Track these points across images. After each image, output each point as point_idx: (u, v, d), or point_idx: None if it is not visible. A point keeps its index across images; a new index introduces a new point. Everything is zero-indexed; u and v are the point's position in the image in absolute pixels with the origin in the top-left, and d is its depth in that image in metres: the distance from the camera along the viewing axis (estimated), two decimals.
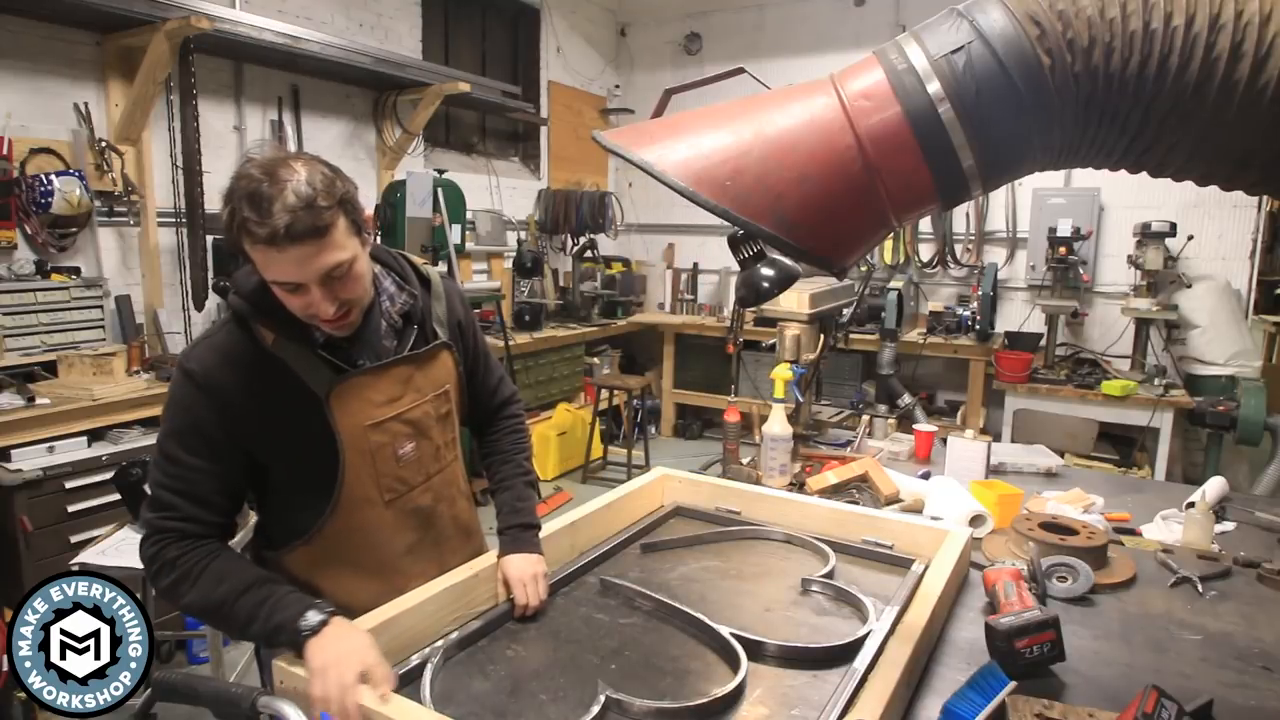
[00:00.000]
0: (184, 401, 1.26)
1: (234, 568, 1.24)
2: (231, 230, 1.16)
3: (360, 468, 1.34)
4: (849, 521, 1.71)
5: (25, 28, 3.25)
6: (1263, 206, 5.05)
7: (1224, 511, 2.03)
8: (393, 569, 1.41)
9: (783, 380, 2.23)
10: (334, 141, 4.65)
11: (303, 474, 1.34)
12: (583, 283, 6.07)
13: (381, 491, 1.38)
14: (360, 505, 1.36)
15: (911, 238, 5.92)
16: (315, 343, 1.30)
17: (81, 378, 3.01)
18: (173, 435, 1.27)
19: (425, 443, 1.43)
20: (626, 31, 7.11)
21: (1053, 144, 0.95)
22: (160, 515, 1.25)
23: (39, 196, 3.17)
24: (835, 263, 1.00)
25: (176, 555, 1.23)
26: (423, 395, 1.42)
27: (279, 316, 1.26)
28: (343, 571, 1.38)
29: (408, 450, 1.40)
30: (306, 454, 1.32)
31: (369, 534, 1.38)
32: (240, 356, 1.27)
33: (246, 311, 1.28)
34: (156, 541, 1.25)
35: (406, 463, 1.41)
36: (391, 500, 1.40)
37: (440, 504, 1.49)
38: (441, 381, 1.46)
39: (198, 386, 1.25)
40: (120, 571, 2.14)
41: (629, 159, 0.96)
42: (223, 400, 1.25)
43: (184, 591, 1.23)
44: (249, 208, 1.12)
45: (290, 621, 1.14)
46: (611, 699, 1.10)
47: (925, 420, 4.87)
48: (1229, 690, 1.24)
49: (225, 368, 1.26)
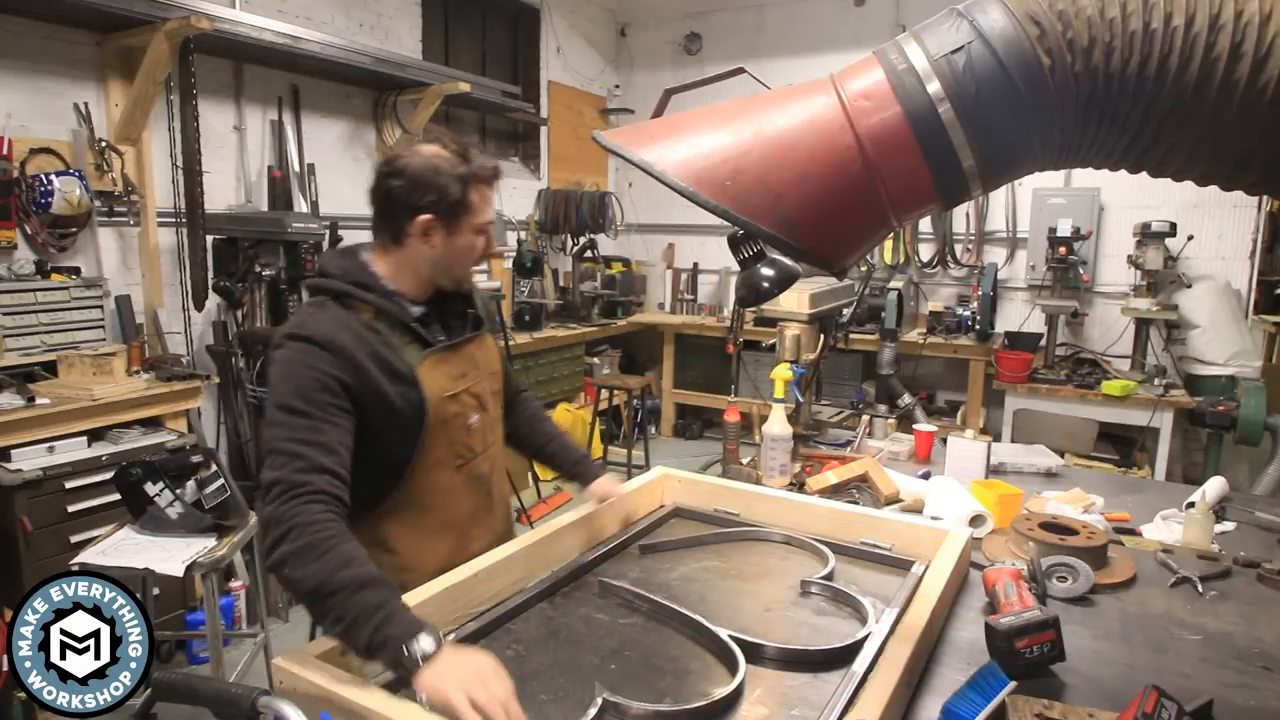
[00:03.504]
0: (306, 361, 1.32)
1: (359, 556, 1.19)
2: (446, 194, 1.40)
3: (438, 433, 1.48)
4: (849, 521, 1.71)
5: (25, 28, 3.24)
6: (1263, 206, 5.05)
7: (1224, 511, 2.04)
8: (459, 531, 1.55)
9: (783, 380, 2.23)
10: (334, 141, 4.65)
11: (388, 438, 1.43)
12: (583, 283, 6.07)
13: (454, 457, 1.52)
14: (436, 468, 1.50)
15: (911, 238, 5.92)
16: (409, 318, 1.46)
17: (81, 378, 3.00)
18: (296, 393, 1.30)
19: (485, 415, 1.60)
20: (626, 31, 7.11)
21: (1053, 144, 0.95)
22: (286, 469, 1.23)
23: (39, 196, 3.17)
24: (835, 263, 1.00)
25: (309, 522, 1.18)
26: (482, 373, 1.59)
27: (373, 295, 1.43)
28: (416, 533, 1.50)
29: (475, 420, 1.56)
30: (394, 420, 1.42)
31: (441, 495, 1.52)
32: (347, 326, 1.39)
33: (349, 289, 1.42)
34: (282, 497, 1.20)
35: (474, 431, 1.56)
36: (460, 466, 1.54)
37: (494, 474, 1.65)
38: (493, 362, 1.65)
39: (321, 346, 1.34)
40: (120, 571, 2.14)
41: (629, 159, 0.96)
42: (344, 357, 1.35)
43: (304, 563, 1.16)
44: (475, 162, 1.43)
45: (398, 640, 1.08)
46: (609, 701, 1.10)
47: (925, 420, 4.86)
48: (1229, 690, 1.24)
49: (342, 332, 1.37)
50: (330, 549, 1.17)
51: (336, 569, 1.15)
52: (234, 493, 2.50)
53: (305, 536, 1.17)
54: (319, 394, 1.30)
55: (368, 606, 1.12)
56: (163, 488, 2.36)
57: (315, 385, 1.31)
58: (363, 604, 1.12)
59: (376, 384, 1.37)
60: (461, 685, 1.03)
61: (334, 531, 1.20)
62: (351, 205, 4.64)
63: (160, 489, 2.35)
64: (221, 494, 2.45)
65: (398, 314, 1.44)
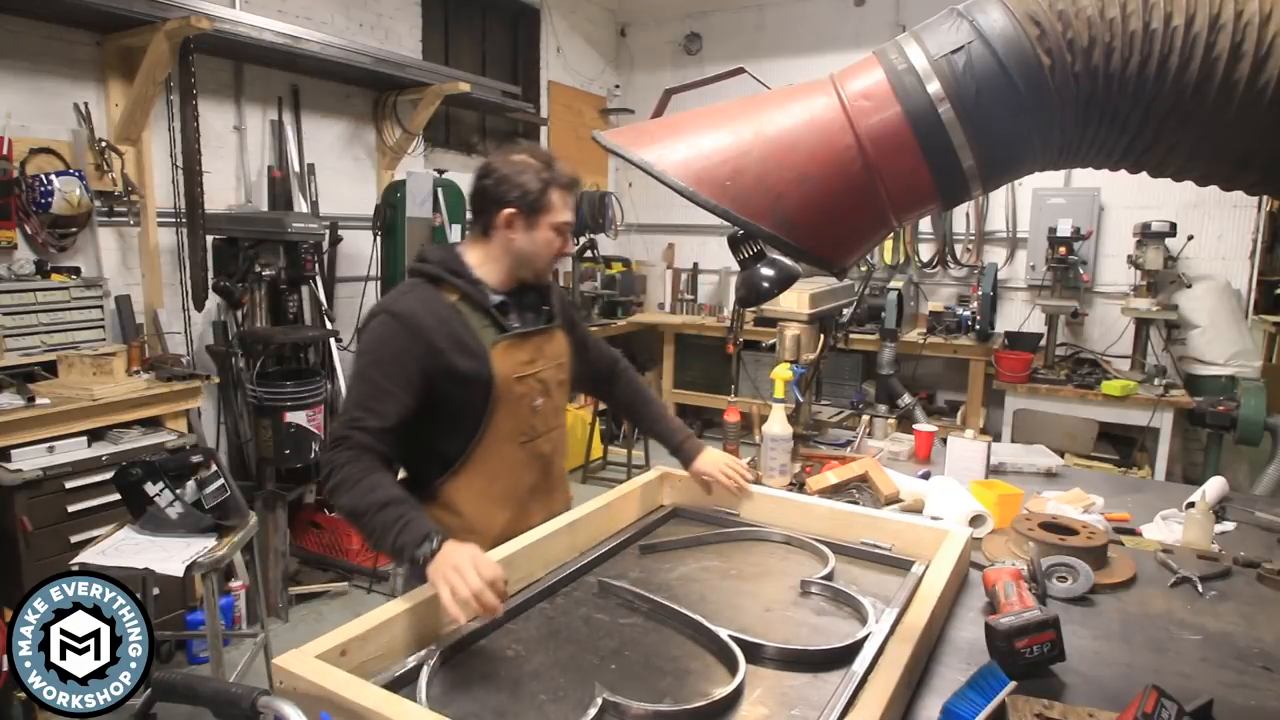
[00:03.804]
0: (389, 337, 1.57)
1: (384, 483, 1.47)
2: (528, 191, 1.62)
3: (505, 410, 1.65)
4: (849, 521, 1.71)
5: (25, 28, 3.24)
6: (1263, 206, 5.05)
7: (1224, 511, 2.03)
8: (519, 502, 1.72)
9: (783, 380, 2.23)
10: (334, 141, 4.65)
11: (459, 408, 1.62)
12: (583, 283, 6.07)
13: (518, 433, 1.69)
14: (501, 440, 1.67)
15: (911, 238, 5.92)
16: (489, 303, 1.65)
17: (81, 378, 3.00)
18: (376, 364, 1.56)
19: (549, 401, 1.76)
20: (626, 31, 7.11)
21: (1053, 144, 0.95)
22: (342, 424, 1.53)
23: (39, 196, 3.17)
24: (835, 263, 1.00)
25: (345, 461, 1.47)
26: (549, 362, 1.75)
27: (460, 280, 1.64)
28: (480, 499, 1.67)
29: (540, 403, 1.73)
30: (466, 394, 1.61)
31: (505, 467, 1.69)
32: (432, 306, 1.61)
33: (441, 273, 1.65)
34: (335, 446, 1.50)
35: (538, 413, 1.73)
36: (524, 442, 1.71)
37: (555, 455, 1.82)
38: (560, 354, 1.80)
39: (403, 324, 1.57)
40: (120, 571, 2.14)
41: (629, 159, 0.96)
42: (423, 337, 1.56)
43: (341, 494, 1.46)
44: (556, 169, 1.67)
45: (411, 545, 1.35)
46: (609, 701, 1.10)
47: (925, 420, 4.86)
48: (1229, 690, 1.24)
49: (424, 313, 1.59)
50: (359, 480, 1.45)
51: (364, 494, 1.43)
52: (234, 493, 2.50)
53: (339, 474, 1.46)
54: (391, 368, 1.54)
55: (388, 521, 1.39)
56: (163, 488, 2.36)
57: (390, 360, 1.55)
58: (384, 520, 1.40)
59: (448, 360, 1.58)
60: (444, 579, 1.25)
61: (363, 467, 1.47)
62: (352, 205, 4.64)
63: (160, 489, 2.35)
64: (221, 494, 2.45)
65: (479, 299, 1.64)
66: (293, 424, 3.54)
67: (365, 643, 1.18)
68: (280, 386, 3.55)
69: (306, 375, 3.69)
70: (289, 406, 3.53)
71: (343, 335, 4.24)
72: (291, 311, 3.89)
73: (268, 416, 3.54)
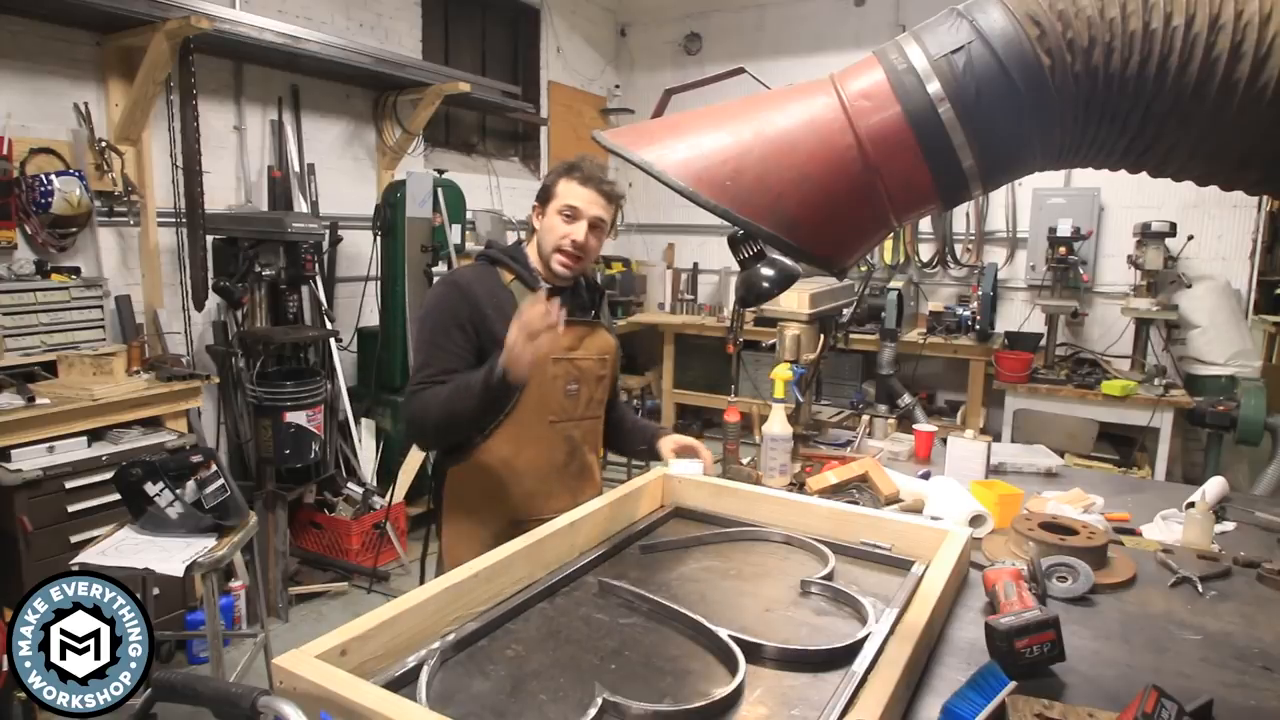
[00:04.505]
0: (447, 302, 1.85)
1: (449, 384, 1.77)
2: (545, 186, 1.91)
3: (539, 386, 1.84)
4: (849, 521, 1.71)
5: (25, 28, 3.25)
6: (1263, 206, 5.05)
7: (1224, 511, 2.04)
8: (542, 477, 1.90)
9: (783, 380, 2.23)
10: (334, 141, 4.65)
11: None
12: None
13: (549, 410, 1.89)
14: (533, 413, 1.87)
15: (911, 238, 5.92)
16: (538, 286, 1.87)
17: (81, 378, 3.00)
18: (438, 327, 1.83)
19: (584, 389, 1.95)
20: (626, 31, 7.11)
21: (1053, 144, 0.95)
22: (416, 381, 1.82)
23: (39, 196, 3.17)
24: (835, 263, 1.00)
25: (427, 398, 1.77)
26: (589, 353, 1.95)
27: (516, 265, 1.90)
28: (504, 468, 1.86)
29: (573, 388, 1.92)
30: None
31: (534, 441, 1.88)
32: (487, 281, 1.88)
33: (501, 257, 1.93)
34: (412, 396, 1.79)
35: (570, 397, 1.92)
36: (554, 422, 1.91)
37: (585, 444, 1.99)
38: (606, 350, 2.00)
39: (460, 290, 1.85)
40: (120, 571, 2.14)
41: (629, 159, 0.96)
42: (474, 303, 1.83)
43: (431, 414, 1.76)
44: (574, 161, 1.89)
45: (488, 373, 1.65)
46: (609, 701, 1.10)
47: (925, 420, 4.86)
48: (1229, 690, 1.24)
49: (479, 284, 1.87)
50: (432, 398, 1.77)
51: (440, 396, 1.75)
52: (234, 493, 2.50)
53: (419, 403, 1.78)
54: (450, 329, 1.82)
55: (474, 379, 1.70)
56: (163, 488, 2.35)
57: (449, 322, 1.82)
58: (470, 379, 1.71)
59: (492, 326, 1.79)
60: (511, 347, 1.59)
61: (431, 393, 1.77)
62: (351, 205, 4.64)
63: (160, 489, 2.35)
64: (221, 494, 2.45)
65: (530, 281, 1.89)
66: (293, 424, 3.54)
67: (365, 643, 1.18)
68: (280, 386, 3.56)
69: (306, 375, 3.70)
70: (289, 406, 3.54)
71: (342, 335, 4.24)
72: (291, 311, 3.89)
73: (268, 416, 3.54)
